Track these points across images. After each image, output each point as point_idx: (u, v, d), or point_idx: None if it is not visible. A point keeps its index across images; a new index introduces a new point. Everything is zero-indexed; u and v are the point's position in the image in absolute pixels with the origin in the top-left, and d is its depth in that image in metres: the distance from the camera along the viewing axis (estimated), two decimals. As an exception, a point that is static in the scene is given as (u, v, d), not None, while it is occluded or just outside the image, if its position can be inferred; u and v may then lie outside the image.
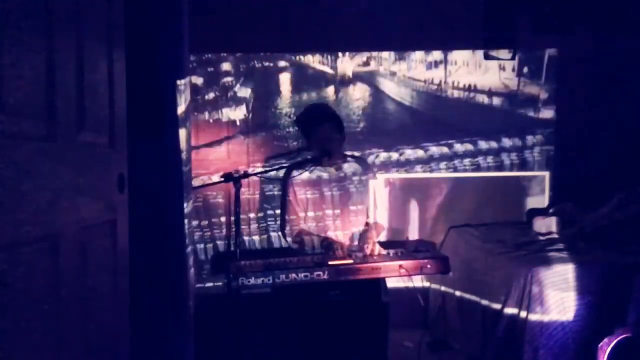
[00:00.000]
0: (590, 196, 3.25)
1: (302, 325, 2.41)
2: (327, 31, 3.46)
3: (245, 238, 3.51)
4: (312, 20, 3.45)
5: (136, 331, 1.88)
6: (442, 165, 3.71)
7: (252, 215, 3.53)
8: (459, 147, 3.72)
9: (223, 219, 3.50)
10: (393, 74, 3.72)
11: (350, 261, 2.30)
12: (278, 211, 3.39)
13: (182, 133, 2.42)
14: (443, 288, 3.27)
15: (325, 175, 2.71)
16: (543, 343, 2.46)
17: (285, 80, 3.67)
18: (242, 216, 3.28)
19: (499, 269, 2.72)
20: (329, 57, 3.68)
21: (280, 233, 3.31)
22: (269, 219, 3.55)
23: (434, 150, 3.72)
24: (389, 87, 3.72)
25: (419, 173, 3.63)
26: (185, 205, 2.43)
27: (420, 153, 3.72)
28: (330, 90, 3.71)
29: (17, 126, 1.16)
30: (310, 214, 2.70)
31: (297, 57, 3.64)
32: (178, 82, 2.38)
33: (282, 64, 3.65)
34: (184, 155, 2.42)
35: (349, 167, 2.76)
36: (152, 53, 2.15)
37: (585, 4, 3.33)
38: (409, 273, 2.30)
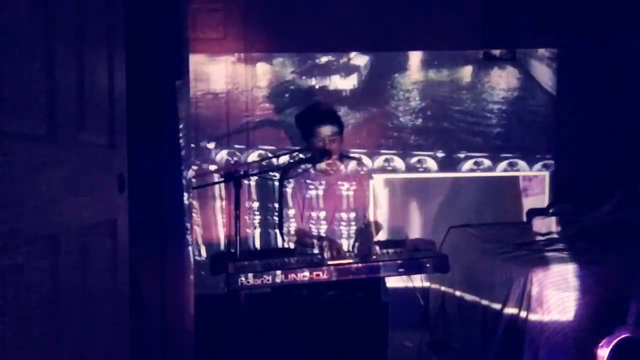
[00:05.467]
0: (590, 196, 3.25)
1: (302, 325, 2.42)
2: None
3: (245, 237, 3.50)
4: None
5: (136, 331, 1.88)
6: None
7: (252, 214, 3.53)
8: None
9: (223, 218, 3.50)
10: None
11: (350, 261, 2.30)
12: (276, 211, 3.40)
13: (182, 132, 2.42)
14: (443, 288, 3.27)
15: (323, 175, 2.72)
16: (543, 343, 2.46)
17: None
18: (241, 215, 3.28)
19: (499, 269, 2.72)
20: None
21: (278, 232, 3.31)
22: (268, 219, 3.54)
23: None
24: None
25: (419, 173, 3.63)
26: (185, 204, 2.43)
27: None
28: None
29: (17, 126, 1.16)
30: (308, 213, 2.71)
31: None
32: (178, 82, 2.38)
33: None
34: (183, 155, 2.42)
35: (346, 167, 2.76)
36: (152, 53, 2.15)
37: (586, 4, 3.33)
38: (409, 272, 2.31)
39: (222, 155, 3.43)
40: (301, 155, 2.96)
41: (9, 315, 1.11)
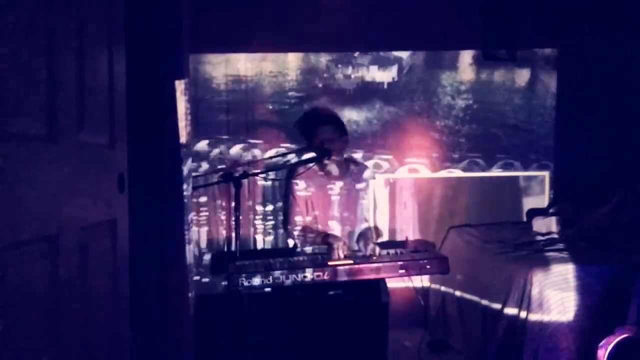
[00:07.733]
0: (590, 196, 3.25)
1: (302, 325, 2.42)
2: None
3: (245, 237, 3.50)
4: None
5: (136, 331, 1.88)
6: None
7: (252, 214, 3.53)
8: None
9: (223, 218, 3.50)
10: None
11: (351, 262, 2.30)
12: (280, 210, 3.40)
13: (183, 132, 2.42)
14: (443, 288, 3.27)
15: (326, 175, 2.72)
16: (543, 343, 2.46)
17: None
18: (241, 215, 3.28)
19: (499, 269, 2.72)
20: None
21: (283, 231, 3.31)
22: (269, 218, 3.54)
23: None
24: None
25: (419, 173, 3.63)
26: (185, 204, 2.43)
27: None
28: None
29: (17, 126, 1.16)
30: (312, 213, 2.71)
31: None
32: (178, 82, 2.38)
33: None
34: (183, 154, 2.42)
35: (348, 169, 2.77)
36: (152, 53, 2.15)
37: (586, 3, 3.33)
38: (409, 273, 2.31)
39: (222, 154, 3.43)
40: (301, 155, 2.96)
41: (9, 315, 1.10)
